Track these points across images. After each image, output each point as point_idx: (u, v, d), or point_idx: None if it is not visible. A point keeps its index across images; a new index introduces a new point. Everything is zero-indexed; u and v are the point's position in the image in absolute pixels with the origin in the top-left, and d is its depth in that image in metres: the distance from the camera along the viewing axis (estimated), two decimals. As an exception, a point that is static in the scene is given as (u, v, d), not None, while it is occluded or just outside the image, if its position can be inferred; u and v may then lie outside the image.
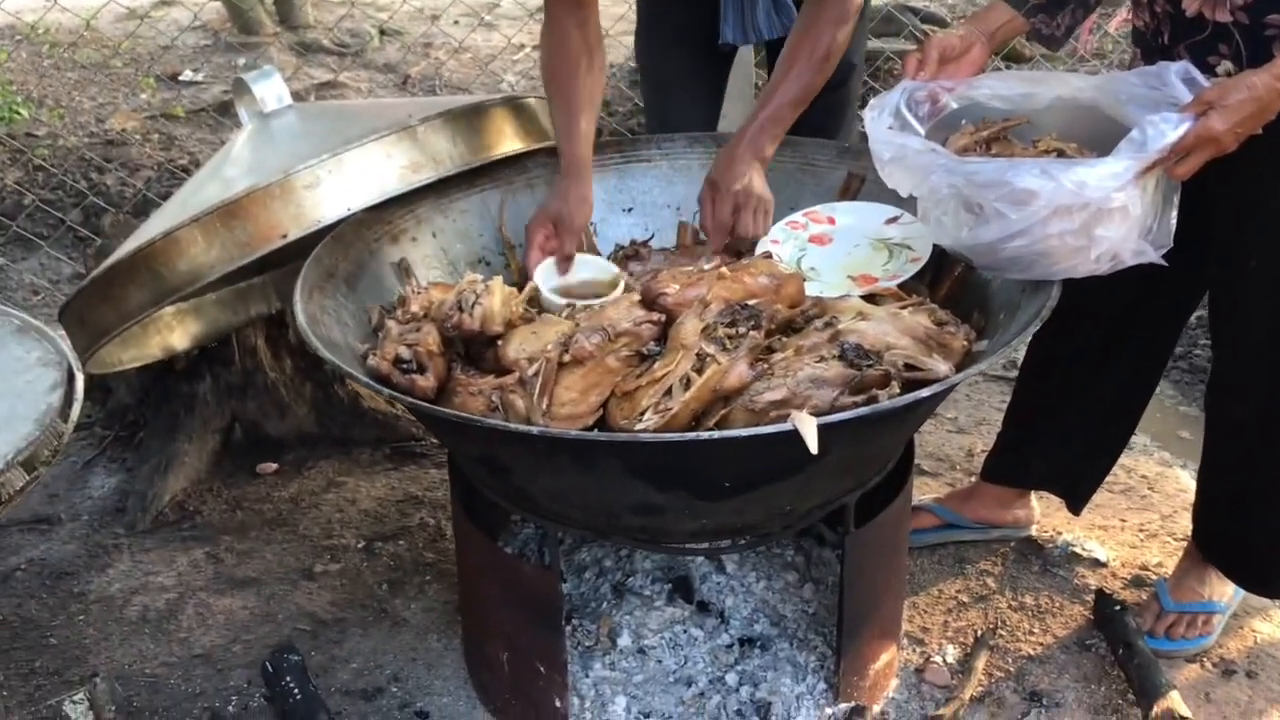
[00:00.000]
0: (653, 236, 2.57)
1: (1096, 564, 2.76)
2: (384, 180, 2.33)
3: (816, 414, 1.77)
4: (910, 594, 2.62)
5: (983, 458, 2.96)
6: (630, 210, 2.63)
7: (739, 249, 2.38)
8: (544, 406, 1.86)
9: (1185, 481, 3.11)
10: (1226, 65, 2.13)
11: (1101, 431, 2.65)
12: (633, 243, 2.52)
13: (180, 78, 5.43)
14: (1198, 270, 2.34)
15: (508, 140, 2.53)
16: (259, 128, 2.63)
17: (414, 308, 2.08)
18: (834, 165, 2.56)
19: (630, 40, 3.28)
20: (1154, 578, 2.71)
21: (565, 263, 2.41)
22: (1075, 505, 2.75)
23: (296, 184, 2.27)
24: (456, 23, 5.95)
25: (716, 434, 1.77)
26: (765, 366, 1.87)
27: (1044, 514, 2.87)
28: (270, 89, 2.66)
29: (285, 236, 2.27)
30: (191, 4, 5.38)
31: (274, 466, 3.16)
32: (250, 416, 3.20)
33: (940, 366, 1.93)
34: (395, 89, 5.40)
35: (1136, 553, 2.82)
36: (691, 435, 1.78)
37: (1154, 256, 2.02)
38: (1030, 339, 1.99)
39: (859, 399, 1.85)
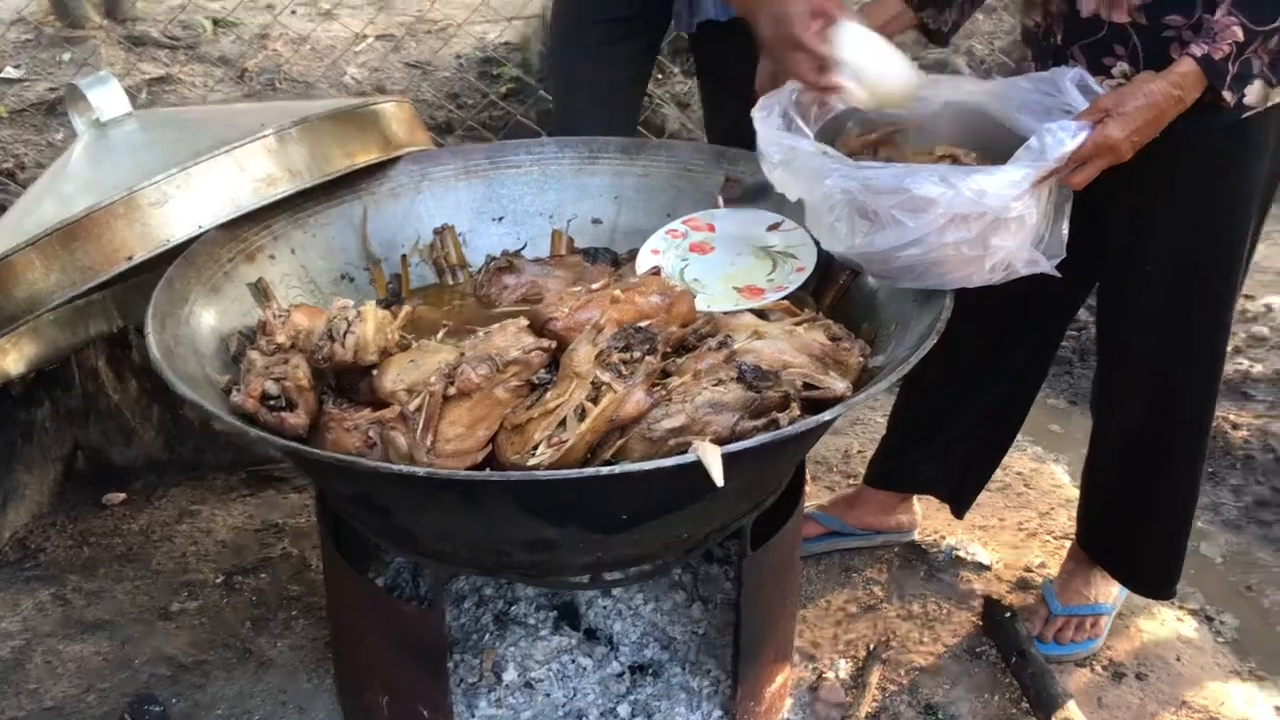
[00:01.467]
0: (525, 246, 2.45)
1: (981, 568, 2.73)
2: (237, 195, 2.18)
3: (717, 441, 1.69)
4: (799, 606, 2.56)
5: (860, 459, 2.92)
6: (501, 219, 2.50)
7: None
8: (428, 443, 1.74)
9: (1060, 477, 3.11)
10: (1123, 67, 2.10)
11: (986, 436, 2.63)
12: (504, 253, 2.40)
13: (0, 75, 5.12)
14: (1083, 275, 2.31)
15: (369, 148, 2.38)
16: (96, 138, 2.44)
17: (280, 337, 1.93)
18: (711, 170, 2.47)
19: (480, 29, 3.19)
20: (1038, 579, 2.69)
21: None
22: (959, 509, 2.72)
23: (142, 201, 2.11)
24: (294, 12, 5.72)
25: (618, 469, 1.67)
26: (662, 392, 1.77)
27: (925, 516, 2.83)
28: (107, 96, 2.47)
29: (131, 259, 2.12)
30: (8, -6, 5.08)
31: (122, 496, 2.96)
32: (94, 443, 3.00)
33: (838, 385, 1.86)
34: (232, 83, 5.16)
35: (1019, 553, 2.81)
36: (591, 471, 1.68)
37: (1047, 267, 1.97)
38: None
39: (759, 423, 1.77)
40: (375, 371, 1.87)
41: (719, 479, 1.62)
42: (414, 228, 2.43)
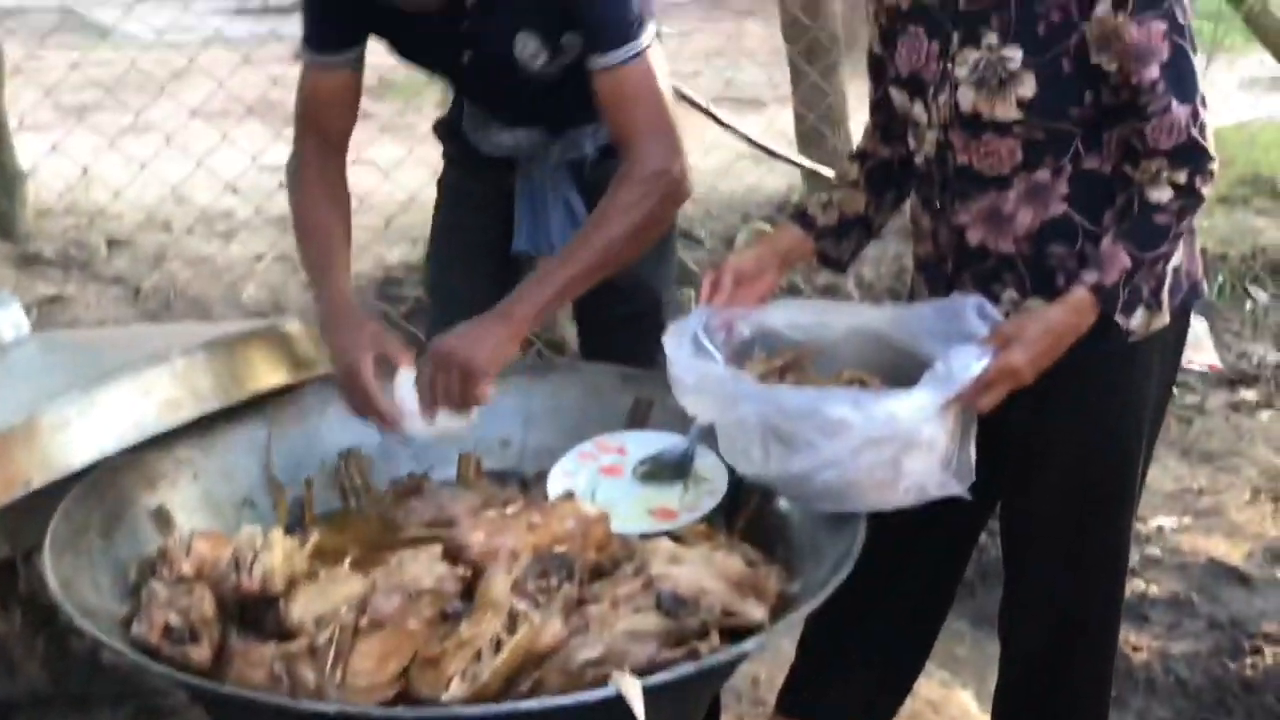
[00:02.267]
0: (432, 469, 2.43)
1: (895, 797, 2.69)
2: (140, 419, 2.14)
3: (637, 671, 1.66)
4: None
5: (770, 686, 2.88)
6: (405, 441, 2.48)
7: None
8: (338, 678, 1.68)
9: (968, 704, 3.09)
10: (1011, 294, 2.17)
11: (892, 663, 2.60)
12: (410, 476, 2.38)
13: (-115, 292, 5.05)
14: (983, 497, 2.34)
15: (275, 371, 2.36)
16: (-5, 360, 2.40)
17: (184, 567, 1.87)
18: (620, 391, 2.49)
19: (380, 250, 3.23)
20: (953, 808, 2.65)
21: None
22: (871, 737, 2.69)
23: (41, 426, 2.06)
24: (191, 232, 5.74)
25: (536, 704, 1.62)
26: (580, 622, 1.75)
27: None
28: (7, 318, 2.44)
29: (29, 485, 2.05)
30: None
31: (4, 733, 2.82)
32: (-26, 677, 2.86)
33: (757, 612, 1.86)
34: (126, 303, 5.13)
35: (932, 783, 2.77)
36: (509, 707, 1.63)
37: (958, 489, 2.01)
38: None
39: (679, 652, 1.75)
40: (282, 602, 1.82)
41: (640, 713, 1.59)
42: (319, 451, 2.40)
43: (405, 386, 2.21)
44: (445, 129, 2.79)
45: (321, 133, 2.48)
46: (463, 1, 2.31)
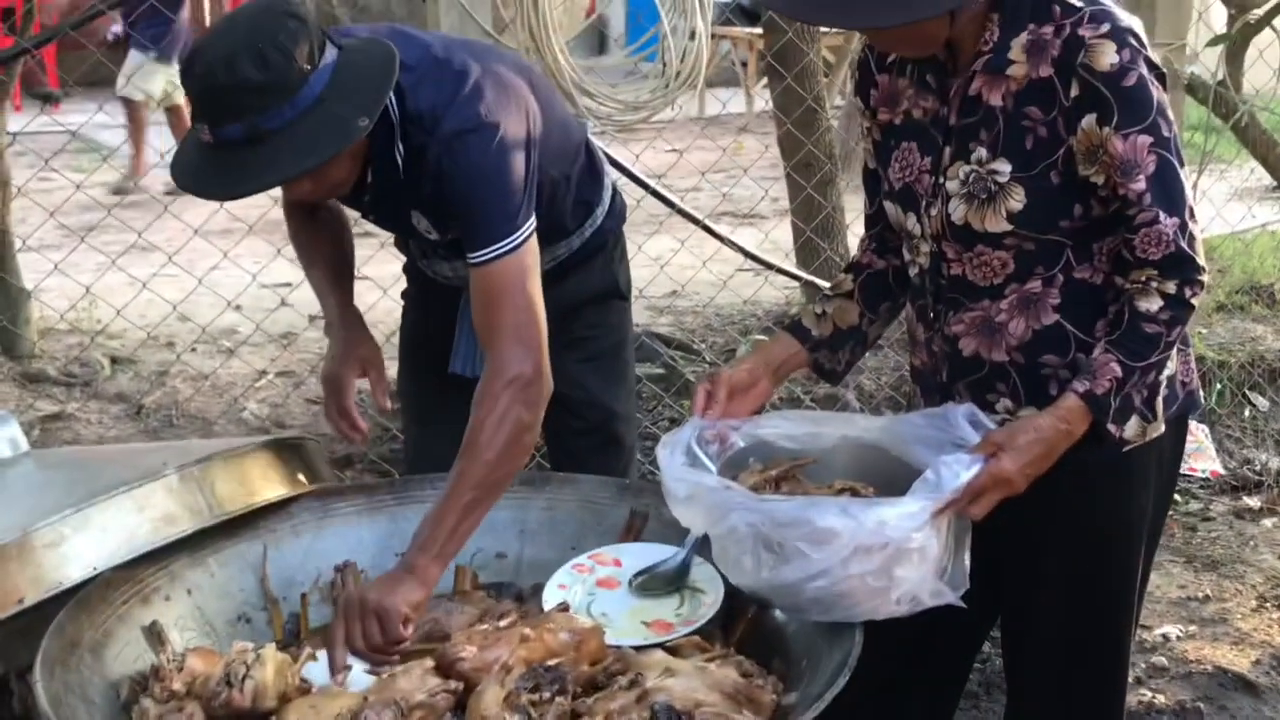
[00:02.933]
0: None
1: None
2: (134, 535, 2.14)
3: (632, 787, 1.65)
4: None
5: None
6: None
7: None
8: (329, 795, 1.67)
9: (975, 818, 3.05)
10: (1005, 403, 2.18)
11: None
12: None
13: (-112, 410, 5.06)
14: (984, 608, 2.33)
15: (271, 486, 2.37)
16: (-8, 476, 2.40)
17: (175, 684, 1.86)
18: (616, 503, 2.49)
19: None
20: None
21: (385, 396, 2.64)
22: None
23: (36, 543, 2.07)
24: (194, 349, 5.78)
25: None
26: (574, 736, 1.74)
27: None
28: (4, 435, 2.45)
29: (22, 601, 2.05)
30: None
31: None
32: (-37, 799, 2.82)
33: (751, 724, 1.84)
34: (128, 420, 5.15)
35: None
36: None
37: (952, 598, 2.00)
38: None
39: (674, 766, 1.73)
40: (274, 718, 1.81)
41: (636, 830, 1.57)
42: (315, 565, 2.40)
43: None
44: (402, 247, 2.85)
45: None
46: (363, 182, 2.39)
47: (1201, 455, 4.70)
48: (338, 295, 2.68)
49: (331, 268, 2.71)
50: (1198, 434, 4.57)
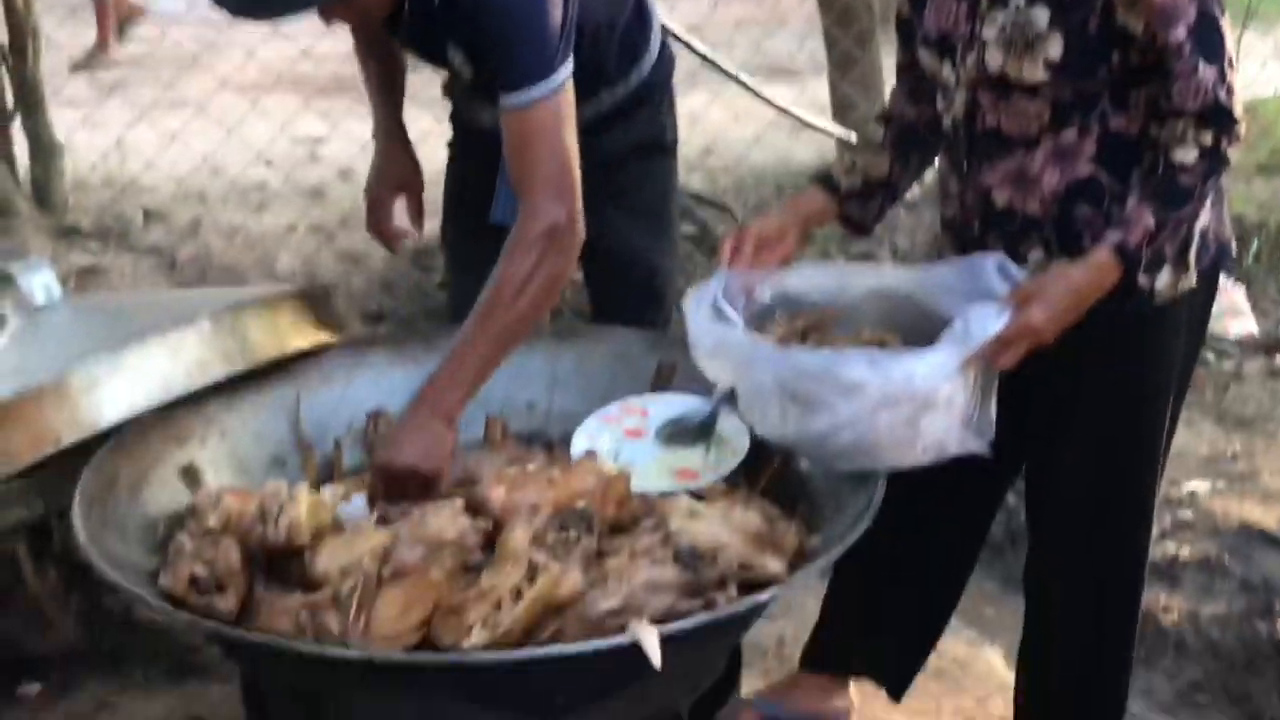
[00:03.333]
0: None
1: (920, 757, 2.70)
2: (169, 379, 2.17)
3: (655, 622, 1.69)
4: (736, 798, 2.50)
5: (795, 644, 2.89)
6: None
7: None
8: (361, 626, 1.71)
9: (995, 662, 3.09)
10: (1037, 255, 2.17)
11: (919, 618, 2.62)
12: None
13: (-75, 263, 5.10)
14: (1009, 457, 2.34)
15: (303, 334, 2.39)
16: (28, 324, 2.43)
17: (210, 520, 1.90)
18: (646, 355, 2.50)
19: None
20: (979, 768, 2.66)
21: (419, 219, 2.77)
22: (896, 692, 2.69)
23: (72, 386, 2.10)
24: (225, 203, 5.78)
25: (555, 650, 1.65)
26: (599, 574, 1.77)
27: (863, 700, 2.79)
28: (39, 281, 2.47)
29: (59, 442, 2.09)
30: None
31: (37, 688, 2.86)
32: (9, 633, 2.90)
33: (773, 565, 1.87)
34: (162, 273, 5.17)
35: (958, 742, 2.78)
36: (527, 653, 1.65)
37: (979, 446, 2.01)
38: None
39: (696, 603, 1.77)
40: (308, 554, 1.85)
41: (656, 660, 1.61)
42: (347, 412, 2.43)
43: (359, 508, 2.11)
44: (447, 92, 2.83)
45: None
46: (400, 13, 2.35)
47: (1236, 315, 4.69)
48: (386, 108, 2.77)
49: (381, 79, 2.78)
50: (1233, 294, 4.57)
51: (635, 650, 1.62)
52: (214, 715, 2.78)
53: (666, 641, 1.62)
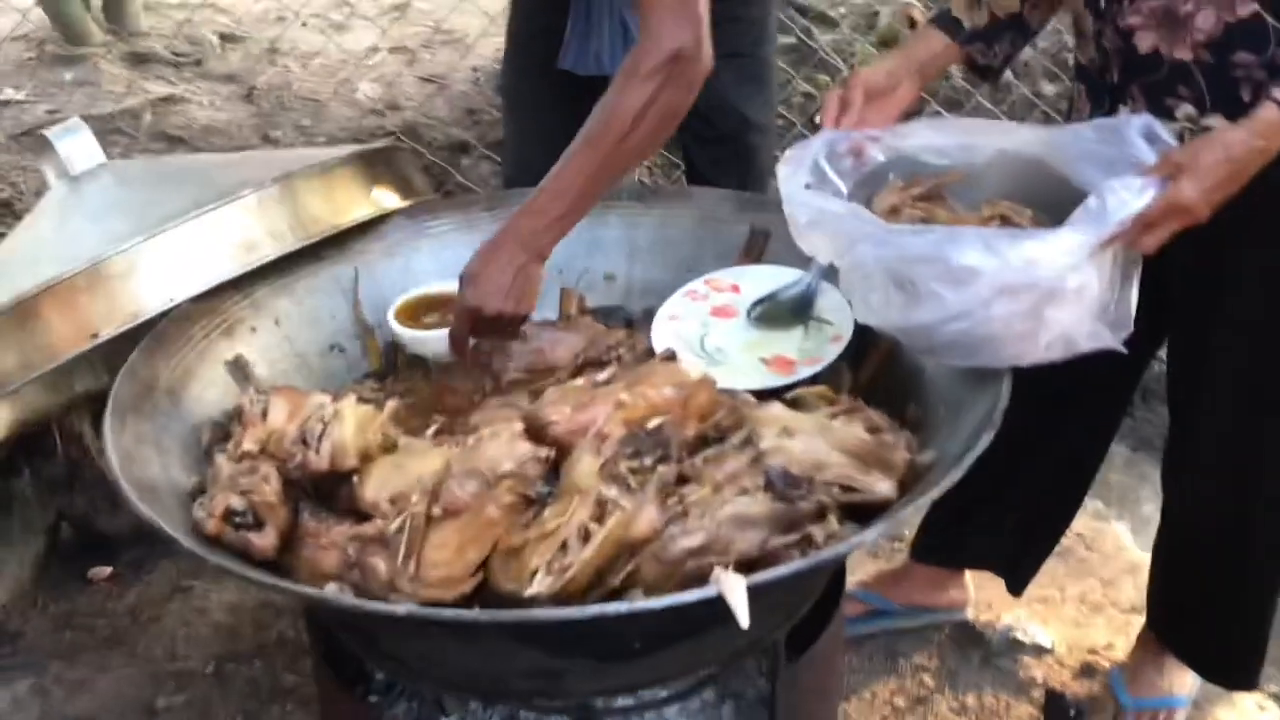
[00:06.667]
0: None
1: (1041, 651, 2.50)
2: (214, 263, 1.98)
3: (744, 562, 1.48)
4: (841, 701, 2.33)
5: (908, 523, 2.68)
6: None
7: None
8: (411, 570, 1.52)
9: (1124, 539, 2.87)
10: (1187, 109, 1.86)
11: (1045, 506, 2.39)
12: None
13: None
14: (1149, 334, 2.07)
15: (358, 204, 2.17)
16: (67, 194, 2.24)
17: (248, 444, 1.71)
18: (736, 219, 2.25)
19: (498, 41, 3.06)
20: (1104, 664, 2.46)
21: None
22: (1016, 586, 2.49)
23: (107, 273, 1.92)
24: (305, 24, 5.52)
25: (625, 608, 1.43)
26: (679, 507, 1.55)
27: (978, 588, 2.59)
28: (79, 147, 2.27)
29: (96, 336, 1.91)
30: (13, 10, 4.85)
31: (109, 571, 2.77)
32: (79, 512, 2.80)
33: (881, 486, 1.65)
34: (240, 101, 4.96)
35: (1082, 632, 2.57)
36: (595, 611, 1.44)
37: (1113, 342, 1.72)
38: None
39: (791, 538, 1.55)
40: (356, 479, 1.66)
41: (744, 620, 1.40)
42: (411, 288, 2.22)
43: (440, 340, 2.02)
44: None
45: None
46: None
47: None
48: None
49: None
50: None
51: (719, 602, 1.41)
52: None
53: (756, 594, 1.41)
